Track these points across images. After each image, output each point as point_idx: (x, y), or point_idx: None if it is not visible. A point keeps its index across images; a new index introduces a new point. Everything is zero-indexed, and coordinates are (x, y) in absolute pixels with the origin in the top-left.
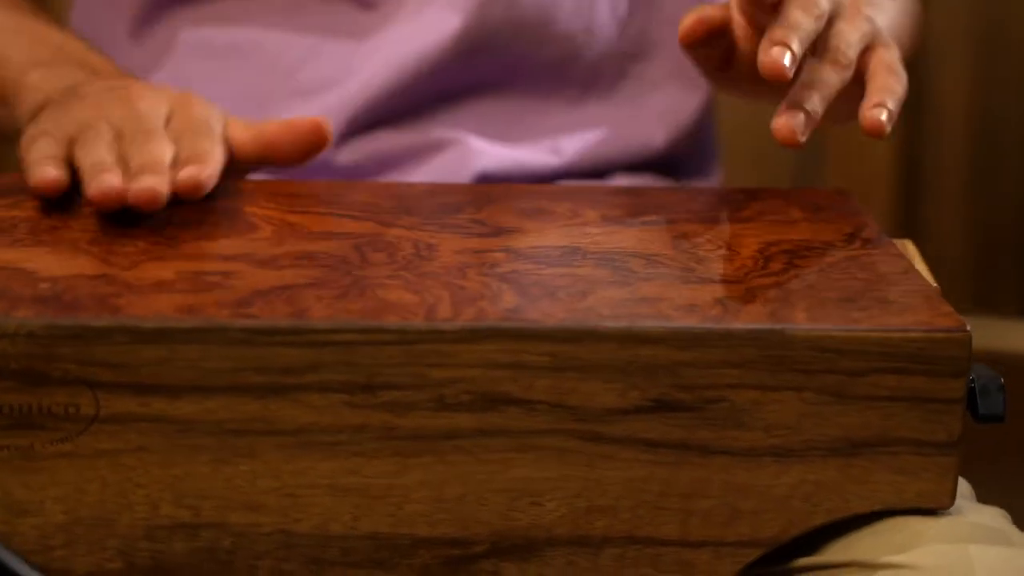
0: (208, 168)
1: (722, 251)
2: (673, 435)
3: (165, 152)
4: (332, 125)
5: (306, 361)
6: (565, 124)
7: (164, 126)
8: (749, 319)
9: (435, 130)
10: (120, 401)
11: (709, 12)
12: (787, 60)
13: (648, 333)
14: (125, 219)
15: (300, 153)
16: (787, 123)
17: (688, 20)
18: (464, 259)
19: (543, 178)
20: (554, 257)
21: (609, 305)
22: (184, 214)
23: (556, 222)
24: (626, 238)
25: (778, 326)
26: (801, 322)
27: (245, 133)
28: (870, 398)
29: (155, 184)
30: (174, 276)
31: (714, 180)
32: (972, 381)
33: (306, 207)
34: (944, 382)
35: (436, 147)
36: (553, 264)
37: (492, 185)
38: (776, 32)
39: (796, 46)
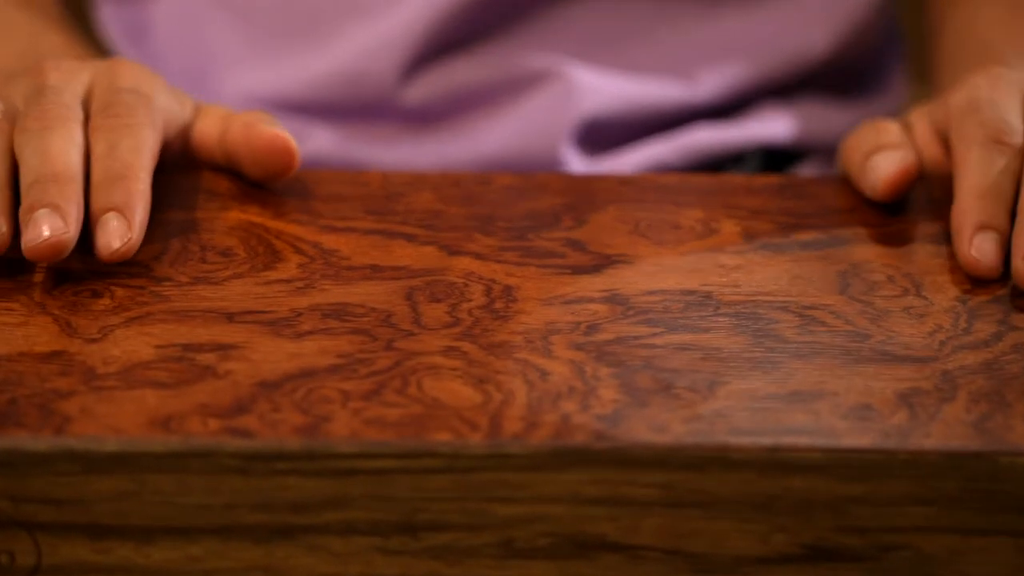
0: (132, 226)
1: (909, 298)
2: None
3: (70, 153)
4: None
5: (324, 495)
6: (697, 39)
7: (78, 104)
8: (947, 435)
9: (525, 56)
10: (69, 547)
11: (910, 160)
12: None
13: (801, 459)
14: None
15: (260, 172)
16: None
17: (890, 172)
18: (552, 316)
19: (673, 120)
20: (675, 312)
21: (747, 407)
22: (183, 230)
23: (681, 244)
24: (775, 274)
25: (989, 448)
26: (1022, 437)
27: (212, 128)
28: None
29: (52, 231)
30: (152, 354)
31: (895, 96)
32: None
33: (350, 218)
34: None
35: (528, 81)
36: (673, 327)
37: (599, 177)
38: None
39: None
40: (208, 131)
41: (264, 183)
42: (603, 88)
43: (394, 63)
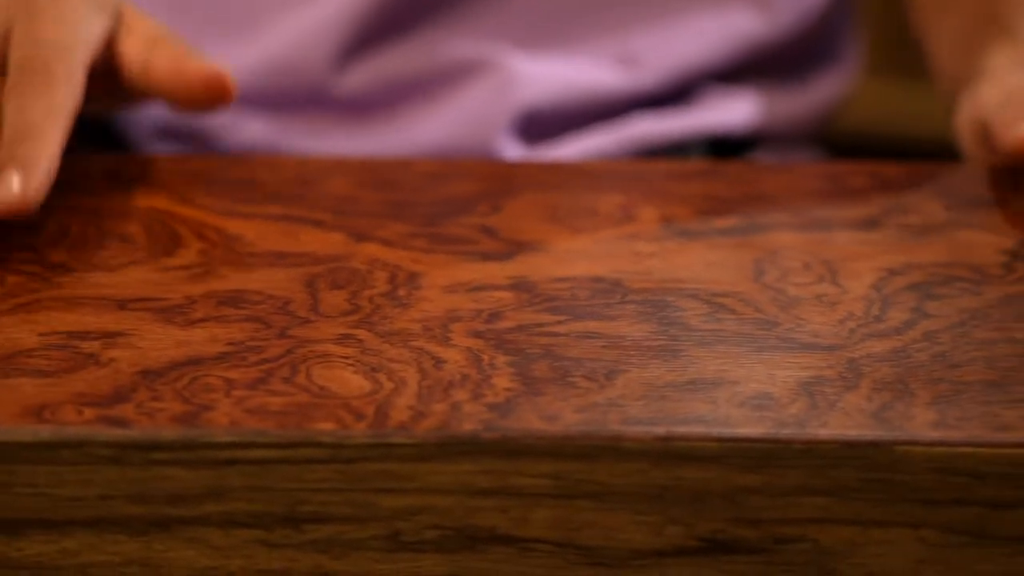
0: (30, 183)
1: (823, 285)
2: None
3: None
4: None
5: (202, 486)
6: (640, 24)
7: None
8: (845, 423)
9: (461, 45)
10: None
11: None
12: None
13: (695, 449)
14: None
15: (189, 106)
16: None
17: None
18: (455, 303)
19: (615, 108)
20: (582, 300)
21: (643, 396)
22: (84, 215)
23: (597, 231)
24: (689, 261)
25: (887, 437)
26: (922, 428)
27: (135, 53)
28: (1023, 539)
29: None
30: (35, 342)
31: (848, 76)
32: None
33: (258, 204)
34: None
35: (465, 71)
36: (578, 314)
37: (521, 163)
38: None
39: None
40: (131, 56)
41: (188, 112)
42: (542, 77)
43: (327, 52)
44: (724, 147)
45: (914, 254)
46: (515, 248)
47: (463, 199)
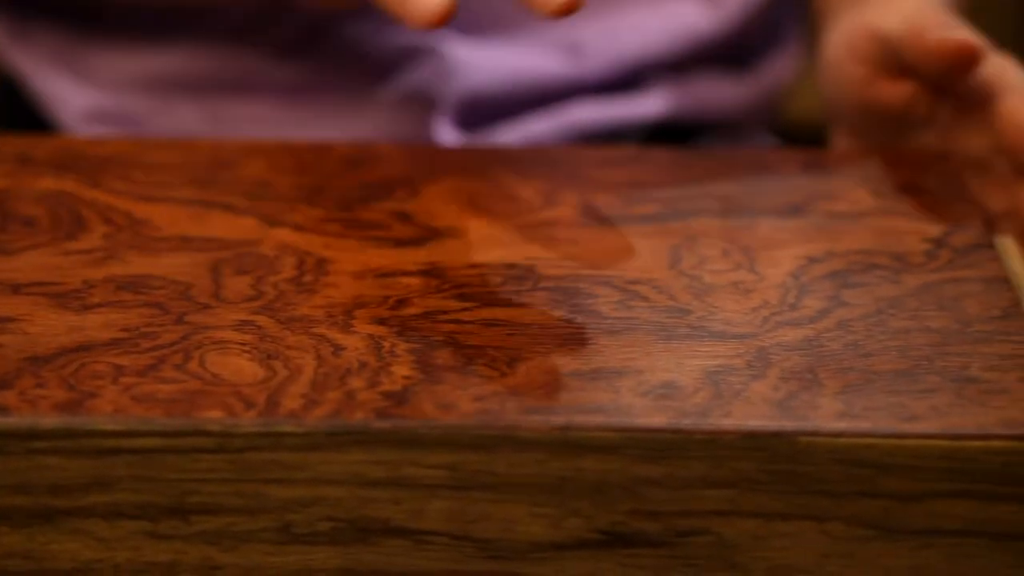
0: None
1: (740, 273)
2: None
3: None
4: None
5: (86, 476)
6: (584, 13)
7: None
8: (749, 414)
9: (401, 32)
10: None
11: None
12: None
13: (594, 439)
14: None
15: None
16: None
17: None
18: (362, 289)
19: (557, 96)
20: (492, 287)
21: (545, 385)
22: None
23: (515, 217)
24: (606, 247)
25: (789, 428)
26: (827, 419)
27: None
28: (930, 532)
29: None
30: None
31: (792, 62)
32: None
33: (170, 187)
34: None
35: (404, 58)
36: (487, 301)
37: (445, 148)
38: None
39: None
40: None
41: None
42: (482, 64)
43: (263, 40)
44: (669, 135)
45: (836, 241)
46: (429, 234)
47: (381, 184)
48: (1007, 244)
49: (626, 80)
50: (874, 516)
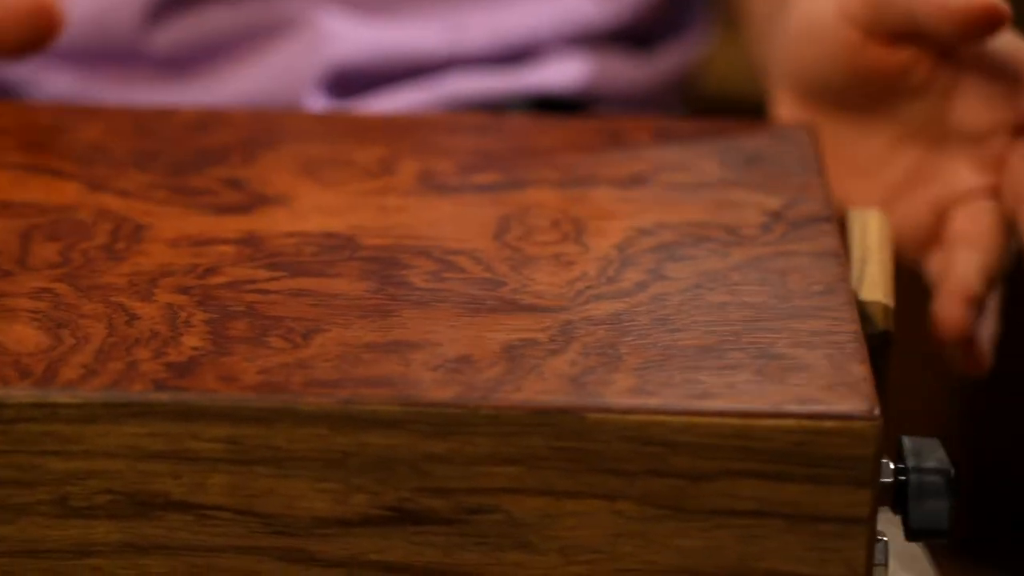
0: None
1: (565, 244)
2: (422, 557)
3: None
4: None
5: None
6: None
7: None
8: (540, 389)
9: (273, 3)
10: None
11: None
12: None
13: (378, 413)
14: None
15: (12, 44)
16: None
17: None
18: (172, 257)
19: (434, 66)
20: (306, 256)
21: (336, 357)
22: None
23: (347, 184)
24: (434, 217)
25: (577, 403)
26: (619, 395)
27: None
28: (722, 513)
29: None
30: None
31: (694, 41)
32: (904, 473)
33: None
34: (841, 492)
35: (275, 28)
36: (298, 271)
37: (291, 114)
38: None
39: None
40: None
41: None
42: (354, 35)
43: (137, 7)
44: (553, 108)
45: (672, 213)
46: (256, 201)
47: (218, 150)
48: (869, 218)
49: (511, 56)
50: (666, 496)
